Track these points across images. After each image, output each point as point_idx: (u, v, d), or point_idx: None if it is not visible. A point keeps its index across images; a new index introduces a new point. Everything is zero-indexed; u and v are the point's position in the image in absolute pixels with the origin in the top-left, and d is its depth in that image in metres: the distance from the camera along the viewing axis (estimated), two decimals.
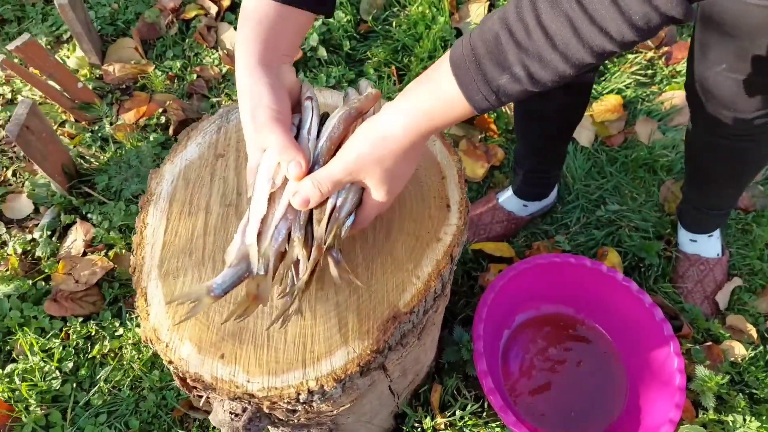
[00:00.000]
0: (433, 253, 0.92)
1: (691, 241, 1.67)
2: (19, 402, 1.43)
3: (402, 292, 0.90)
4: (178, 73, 1.95)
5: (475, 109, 0.70)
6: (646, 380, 1.48)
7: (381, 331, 0.86)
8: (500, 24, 0.65)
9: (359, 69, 1.95)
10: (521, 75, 0.65)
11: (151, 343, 0.87)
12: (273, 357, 0.85)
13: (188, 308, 0.77)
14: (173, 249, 0.93)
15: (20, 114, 1.48)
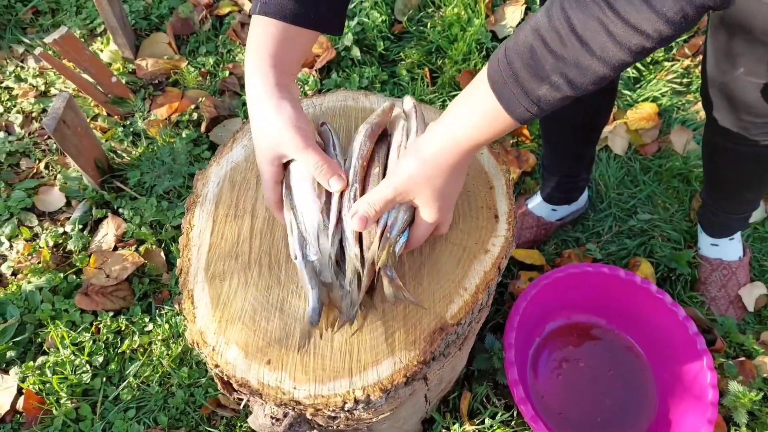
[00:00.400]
0: (481, 265, 0.91)
1: (712, 245, 1.65)
2: (50, 395, 1.44)
3: (449, 303, 0.89)
4: (211, 70, 1.95)
5: (518, 122, 0.71)
6: (678, 394, 1.46)
7: (428, 343, 0.86)
8: (534, 35, 0.65)
9: (392, 70, 1.94)
10: (560, 83, 0.65)
11: (198, 346, 0.87)
12: (319, 364, 0.84)
13: (299, 342, 0.83)
14: (219, 252, 0.93)
15: (57, 108, 1.49)
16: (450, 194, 0.83)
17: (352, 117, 1.06)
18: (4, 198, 1.72)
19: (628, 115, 1.93)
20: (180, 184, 1.73)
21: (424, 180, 0.79)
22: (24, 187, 1.74)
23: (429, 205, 0.82)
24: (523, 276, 1.63)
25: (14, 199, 1.71)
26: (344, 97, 1.08)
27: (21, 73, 1.96)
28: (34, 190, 1.75)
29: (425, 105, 1.08)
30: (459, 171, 0.81)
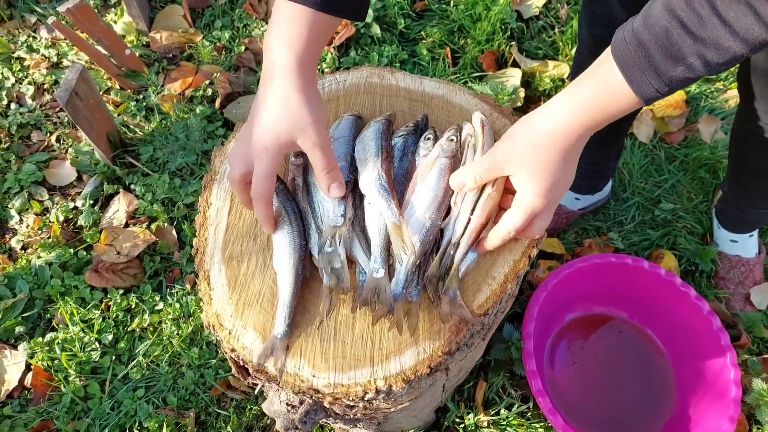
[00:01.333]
0: (510, 254, 0.87)
1: (731, 242, 1.61)
2: (59, 372, 1.42)
3: (476, 292, 0.85)
4: (226, 45, 1.90)
5: (644, 102, 0.69)
6: (699, 390, 1.43)
7: (453, 333, 0.82)
8: (669, 16, 0.64)
9: (412, 49, 1.88)
10: (696, 64, 0.64)
11: (214, 329, 0.83)
12: (340, 351, 0.81)
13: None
14: (237, 232, 0.89)
15: (70, 79, 1.45)
16: (557, 182, 0.76)
17: (377, 94, 1.02)
18: (14, 171, 1.69)
19: (654, 102, 1.86)
20: (193, 161, 1.69)
21: (531, 150, 0.75)
22: (35, 161, 1.70)
23: (531, 183, 0.76)
24: (542, 265, 1.59)
25: (25, 172, 1.68)
26: (369, 73, 1.04)
27: (33, 43, 1.92)
28: (45, 164, 1.71)
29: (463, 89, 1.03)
30: (572, 155, 0.76)
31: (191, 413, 1.41)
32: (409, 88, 1.02)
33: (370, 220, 0.84)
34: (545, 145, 0.74)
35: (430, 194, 0.84)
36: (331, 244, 0.84)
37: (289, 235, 0.84)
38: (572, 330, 1.54)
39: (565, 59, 1.87)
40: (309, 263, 0.85)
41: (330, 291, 0.82)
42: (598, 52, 1.24)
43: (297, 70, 0.77)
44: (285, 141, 0.78)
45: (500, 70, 1.83)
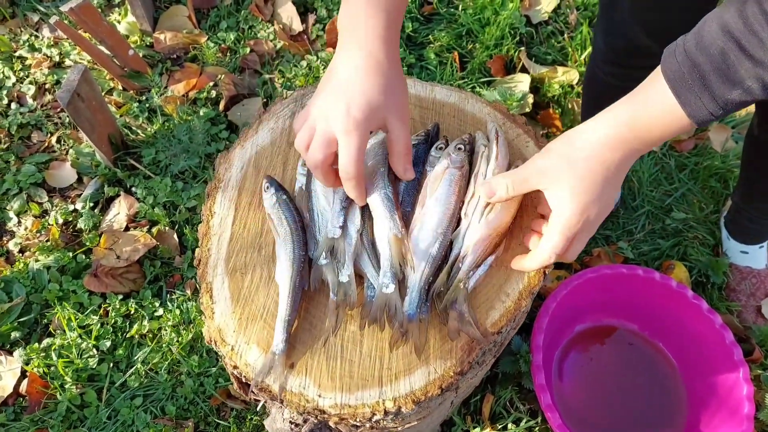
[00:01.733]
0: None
1: (742, 253, 1.58)
2: (55, 379, 1.39)
3: (489, 309, 0.81)
4: (231, 46, 1.87)
5: (696, 125, 0.66)
6: (711, 406, 1.39)
7: (465, 352, 0.79)
8: (725, 37, 0.61)
9: (420, 53, 1.85)
10: (755, 88, 0.61)
11: (215, 345, 0.80)
12: (347, 371, 0.78)
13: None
14: (241, 242, 0.86)
15: (72, 80, 1.42)
16: (595, 200, 0.70)
17: None
18: (13, 172, 1.66)
19: None
20: (196, 164, 1.66)
21: (568, 164, 0.70)
22: (35, 162, 1.67)
23: (567, 200, 0.70)
24: (550, 274, 1.56)
25: (24, 173, 1.64)
26: None
27: (35, 42, 1.88)
28: (45, 165, 1.68)
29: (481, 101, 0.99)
30: (613, 174, 0.70)
31: (190, 423, 1.38)
32: (420, 95, 0.99)
33: (379, 232, 0.81)
34: (584, 159, 0.69)
35: (441, 208, 0.81)
36: (326, 257, 0.80)
37: (289, 246, 0.81)
38: (581, 341, 1.50)
39: (574, 65, 1.84)
40: (312, 276, 0.82)
41: (336, 307, 0.79)
42: (614, 62, 1.20)
43: (390, 38, 0.73)
44: (379, 116, 0.72)
45: (509, 76, 1.80)
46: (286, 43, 1.87)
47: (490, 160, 0.85)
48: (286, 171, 0.92)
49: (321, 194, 0.84)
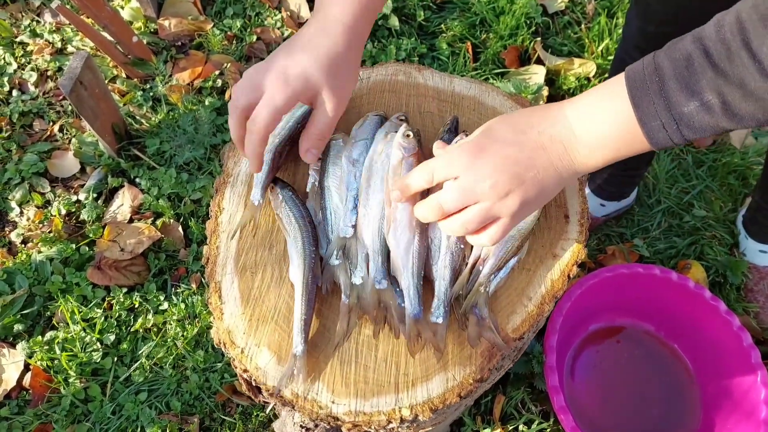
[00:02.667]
0: (548, 271, 0.80)
1: (761, 252, 1.54)
2: (59, 372, 1.36)
3: (510, 314, 0.78)
4: (238, 33, 1.82)
5: (648, 139, 0.60)
6: (725, 409, 1.36)
7: (485, 358, 0.75)
8: (694, 44, 0.56)
9: (432, 42, 1.80)
10: (714, 103, 0.55)
11: (225, 347, 0.77)
12: (362, 376, 0.74)
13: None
14: (251, 240, 0.82)
15: (75, 67, 1.38)
16: (519, 187, 0.65)
17: (403, 93, 0.95)
18: (15, 161, 1.62)
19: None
20: (201, 155, 1.62)
21: (501, 126, 0.67)
22: (37, 150, 1.64)
23: (481, 172, 0.65)
24: None
25: (26, 162, 1.61)
26: (395, 70, 0.96)
27: (36, 27, 1.84)
28: (47, 154, 1.65)
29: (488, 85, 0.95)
30: (544, 163, 0.65)
31: (195, 419, 1.35)
32: (438, 87, 0.95)
33: (365, 225, 0.78)
34: (513, 144, 0.66)
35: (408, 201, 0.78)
36: (338, 257, 0.77)
37: (299, 243, 0.77)
38: (595, 341, 1.47)
39: (591, 57, 1.79)
40: (323, 277, 0.78)
41: (349, 310, 0.75)
42: (647, 50, 1.16)
43: (352, 27, 0.72)
44: (310, 82, 0.71)
45: (523, 67, 1.75)
46: (294, 30, 1.82)
47: None
48: (298, 164, 0.88)
49: (334, 191, 0.80)
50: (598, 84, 0.66)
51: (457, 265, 0.76)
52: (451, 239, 0.76)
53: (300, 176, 0.88)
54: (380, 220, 0.76)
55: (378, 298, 0.74)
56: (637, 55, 1.19)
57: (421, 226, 0.76)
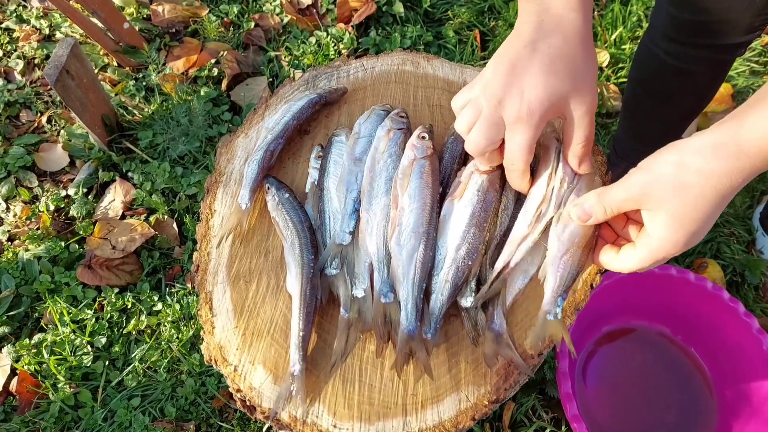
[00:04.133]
0: None
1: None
2: (47, 377, 1.30)
3: (528, 328, 0.71)
4: (234, 20, 1.74)
5: None
6: (743, 415, 1.30)
7: (501, 378, 0.69)
8: None
9: (438, 30, 1.72)
10: None
11: (216, 364, 0.70)
12: (366, 397, 0.68)
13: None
14: (245, 246, 0.75)
15: (60, 55, 1.30)
16: (700, 230, 0.58)
17: (410, 85, 0.87)
18: (1, 154, 1.55)
19: None
20: (196, 148, 1.55)
21: (677, 188, 0.57)
22: (24, 143, 1.56)
23: (670, 229, 0.58)
24: None
25: (12, 155, 1.54)
26: (401, 60, 0.89)
27: (23, 13, 1.76)
28: (35, 147, 1.57)
29: None
30: (728, 199, 0.58)
31: (191, 425, 1.29)
32: (449, 78, 0.87)
33: (368, 231, 0.71)
34: (697, 187, 0.56)
35: (417, 204, 0.70)
36: (335, 266, 0.70)
37: (297, 251, 0.70)
38: (608, 343, 1.41)
39: (603, 46, 1.71)
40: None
41: (348, 326, 0.69)
42: (675, 39, 1.07)
43: (580, 23, 0.62)
44: (560, 105, 0.62)
45: None
46: (294, 17, 1.74)
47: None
48: (297, 164, 0.81)
49: (334, 193, 0.73)
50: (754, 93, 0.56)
51: (460, 282, 0.69)
52: (460, 252, 0.69)
53: (299, 175, 0.81)
54: (385, 227, 0.69)
55: (384, 313, 0.67)
56: (665, 45, 1.12)
57: (429, 234, 0.69)
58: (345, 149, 0.76)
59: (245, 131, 0.83)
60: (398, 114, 0.76)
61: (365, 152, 0.75)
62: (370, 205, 0.71)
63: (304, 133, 0.83)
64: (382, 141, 0.73)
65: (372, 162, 0.72)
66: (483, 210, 0.70)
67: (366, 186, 0.71)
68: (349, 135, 0.78)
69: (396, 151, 0.73)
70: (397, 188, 0.70)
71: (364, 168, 0.73)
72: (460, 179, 0.72)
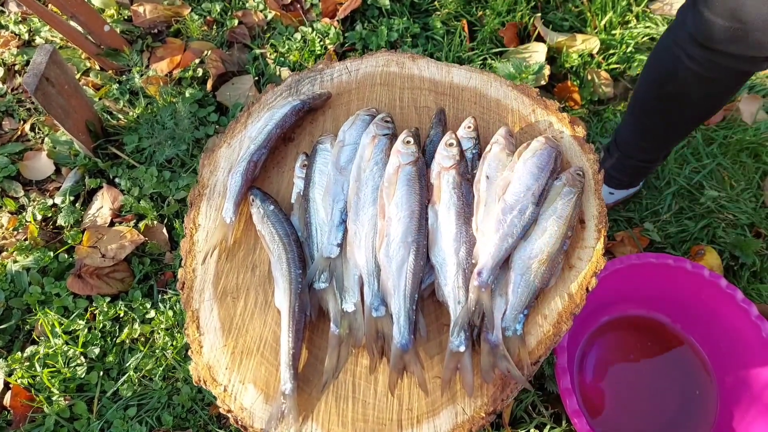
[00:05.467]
0: (564, 285, 0.72)
1: None
2: (41, 390, 1.28)
3: (525, 335, 0.70)
4: (218, 18, 1.71)
5: None
6: (743, 402, 1.30)
7: (498, 388, 0.67)
8: None
9: (425, 21, 1.69)
10: None
11: (205, 385, 0.69)
12: (360, 414, 0.66)
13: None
14: (232, 261, 0.74)
15: (39, 63, 1.27)
16: None
17: (396, 86, 0.85)
18: None
19: None
20: (183, 151, 1.52)
21: None
22: (7, 152, 1.53)
23: None
24: None
25: None
26: (386, 61, 0.86)
27: (1, 18, 1.72)
28: (19, 156, 1.55)
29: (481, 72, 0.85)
30: None
31: None
32: (435, 78, 0.85)
33: (356, 244, 0.69)
34: None
35: (404, 213, 0.68)
36: (324, 279, 0.68)
37: (284, 265, 0.69)
38: (607, 333, 1.40)
39: (593, 32, 1.68)
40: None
41: (339, 342, 0.67)
42: (705, 45, 0.97)
43: None
44: None
45: (523, 45, 1.65)
46: (278, 13, 1.71)
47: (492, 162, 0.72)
48: (282, 173, 0.79)
49: (320, 204, 0.71)
50: None
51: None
52: (461, 254, 0.67)
53: (285, 185, 0.79)
54: (374, 238, 0.67)
55: (375, 328, 0.66)
56: (690, 49, 1.01)
57: (418, 243, 0.67)
58: (330, 158, 0.74)
59: (228, 141, 0.81)
60: (383, 119, 0.74)
61: (351, 161, 0.73)
62: (358, 216, 0.69)
63: (289, 141, 0.81)
64: (367, 148, 0.71)
65: (358, 171, 0.70)
66: (465, 204, 0.69)
67: (352, 196, 0.69)
68: (334, 142, 0.76)
69: (382, 159, 0.71)
70: (383, 197, 0.68)
71: (350, 177, 0.71)
72: (431, 181, 0.70)
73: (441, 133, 0.76)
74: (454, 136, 0.72)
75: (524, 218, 0.68)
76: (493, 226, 0.67)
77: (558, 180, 0.73)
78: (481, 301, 0.65)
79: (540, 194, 0.70)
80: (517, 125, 0.81)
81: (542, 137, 0.74)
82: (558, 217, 0.69)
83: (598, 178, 0.77)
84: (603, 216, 0.74)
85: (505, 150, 0.73)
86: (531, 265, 0.65)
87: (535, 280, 0.65)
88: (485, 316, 0.66)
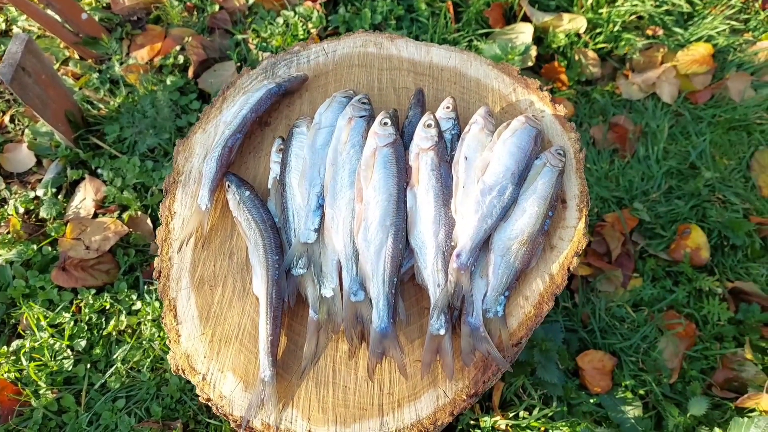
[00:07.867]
0: (546, 265, 0.71)
1: None
2: (28, 384, 1.27)
3: (506, 317, 0.69)
4: (198, 3, 1.68)
5: None
6: None
7: (479, 370, 0.67)
8: None
9: (409, 3, 1.66)
10: None
11: (184, 373, 0.68)
12: (341, 399, 0.65)
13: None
14: (208, 248, 0.72)
15: (14, 52, 1.24)
16: None
17: (374, 67, 0.83)
18: None
19: (678, 57, 1.67)
20: (166, 140, 1.50)
21: None
22: None
23: None
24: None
25: None
26: (364, 41, 0.85)
27: None
28: (0, 148, 1.52)
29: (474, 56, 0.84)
30: None
31: (178, 423, 1.27)
32: (414, 59, 0.83)
33: (333, 228, 0.68)
34: None
35: (382, 196, 0.67)
36: (302, 265, 0.67)
37: (261, 251, 0.67)
38: None
39: (580, 11, 1.67)
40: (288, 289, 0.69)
41: (318, 328, 0.66)
42: None
43: None
44: None
45: (509, 26, 1.63)
46: None
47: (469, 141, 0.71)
48: (258, 158, 0.77)
49: (297, 189, 0.70)
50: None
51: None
52: (440, 237, 0.66)
53: (262, 170, 0.77)
54: (351, 222, 0.66)
55: (354, 313, 0.65)
56: None
57: (397, 226, 0.66)
58: (306, 141, 0.72)
59: (203, 126, 0.79)
60: (360, 101, 0.72)
61: (327, 144, 0.71)
62: (335, 200, 0.67)
63: (265, 125, 0.79)
64: (344, 131, 0.70)
65: (334, 154, 0.69)
66: (444, 186, 0.68)
67: (329, 180, 0.68)
68: (310, 125, 0.74)
69: (359, 141, 0.70)
70: (360, 180, 0.67)
71: (326, 161, 0.70)
72: (410, 164, 0.69)
73: (419, 114, 0.75)
74: (433, 117, 0.71)
75: (504, 199, 0.67)
76: (472, 207, 0.66)
77: (538, 159, 0.71)
78: (461, 283, 0.64)
79: (520, 174, 0.69)
80: (498, 105, 0.79)
81: (522, 116, 0.72)
82: (538, 197, 0.68)
83: (580, 156, 0.76)
84: (585, 195, 0.73)
85: (484, 130, 0.72)
86: (511, 247, 0.64)
87: (515, 262, 0.64)
88: (465, 298, 0.65)
